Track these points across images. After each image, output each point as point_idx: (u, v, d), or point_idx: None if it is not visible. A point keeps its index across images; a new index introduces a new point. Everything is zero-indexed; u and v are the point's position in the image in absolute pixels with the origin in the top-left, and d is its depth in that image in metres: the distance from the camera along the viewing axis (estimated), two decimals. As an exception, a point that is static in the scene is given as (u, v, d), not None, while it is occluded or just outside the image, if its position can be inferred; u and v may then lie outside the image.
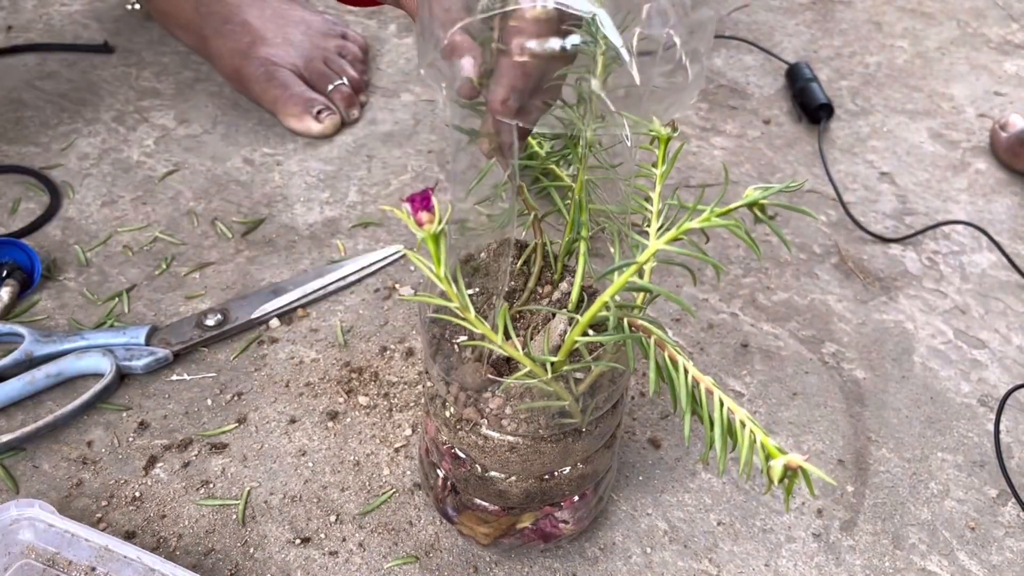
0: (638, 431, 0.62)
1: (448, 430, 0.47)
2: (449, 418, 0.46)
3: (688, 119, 0.95)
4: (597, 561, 0.55)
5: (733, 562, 0.55)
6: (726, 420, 0.35)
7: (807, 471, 0.30)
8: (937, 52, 1.10)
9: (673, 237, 0.34)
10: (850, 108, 0.99)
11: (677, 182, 0.86)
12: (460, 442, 0.47)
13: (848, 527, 0.58)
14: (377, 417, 0.62)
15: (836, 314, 0.73)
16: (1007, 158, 0.90)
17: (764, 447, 0.32)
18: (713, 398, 0.36)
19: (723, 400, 0.35)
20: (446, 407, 0.47)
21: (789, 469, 0.30)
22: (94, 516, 0.55)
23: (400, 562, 0.53)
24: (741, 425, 0.34)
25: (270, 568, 0.53)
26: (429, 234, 0.34)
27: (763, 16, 1.14)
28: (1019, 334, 0.72)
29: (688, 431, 0.36)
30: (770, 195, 0.32)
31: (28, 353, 0.62)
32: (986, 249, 0.80)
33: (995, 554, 0.57)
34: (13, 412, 0.60)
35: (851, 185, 0.87)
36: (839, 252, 0.79)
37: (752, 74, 1.03)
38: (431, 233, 0.34)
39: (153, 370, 0.64)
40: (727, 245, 0.79)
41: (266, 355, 0.66)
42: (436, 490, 0.52)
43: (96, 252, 0.73)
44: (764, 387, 0.66)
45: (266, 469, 0.58)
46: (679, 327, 0.71)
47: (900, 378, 0.68)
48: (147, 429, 0.60)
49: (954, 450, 0.63)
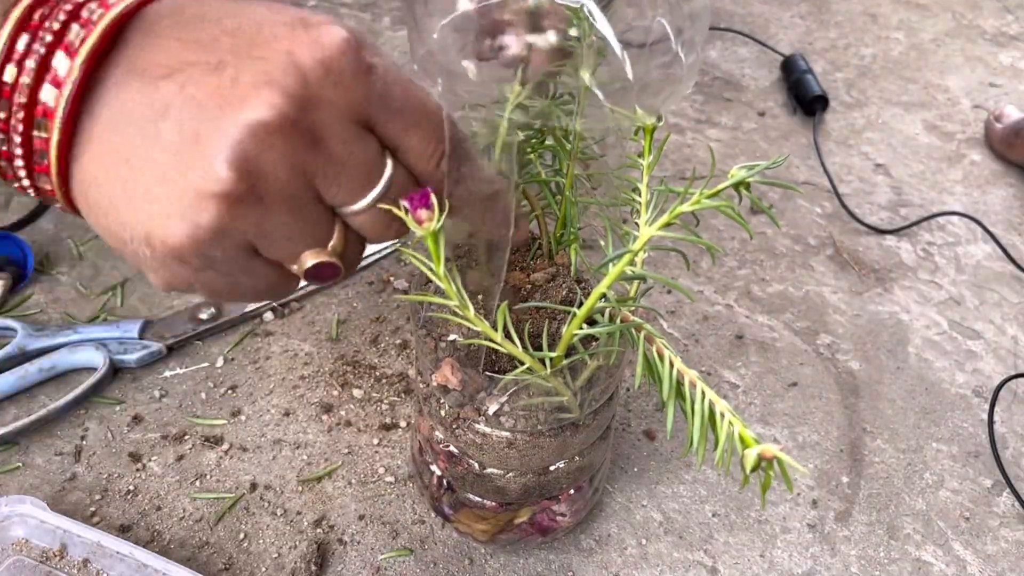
0: (633, 423, 0.62)
1: (444, 429, 0.47)
2: (445, 417, 0.46)
3: (683, 111, 0.94)
4: (592, 553, 0.55)
5: (728, 553, 0.55)
6: (707, 412, 0.34)
7: (783, 461, 0.29)
8: (932, 44, 1.10)
9: (666, 223, 0.34)
10: (845, 100, 0.99)
11: (672, 174, 0.86)
12: (457, 440, 0.47)
13: (843, 517, 0.58)
14: (371, 410, 0.62)
15: (831, 305, 0.73)
16: (1002, 149, 0.90)
17: (742, 438, 0.31)
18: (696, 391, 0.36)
19: (704, 392, 0.35)
20: (442, 406, 0.46)
21: (763, 459, 0.29)
22: (88, 510, 0.55)
23: (395, 554, 0.53)
24: (721, 416, 0.33)
25: (264, 561, 0.53)
26: (428, 232, 0.34)
27: (758, 8, 1.14)
28: (1013, 325, 0.72)
29: (671, 425, 0.36)
30: (755, 173, 0.31)
31: (21, 347, 0.62)
32: (981, 240, 0.81)
33: (990, 544, 0.57)
34: (6, 406, 0.60)
35: (846, 177, 0.87)
36: (834, 244, 0.79)
37: (747, 66, 1.03)
38: (430, 231, 0.34)
39: (147, 364, 0.63)
40: (721, 237, 0.79)
41: (260, 348, 0.66)
42: (431, 488, 0.52)
43: (89, 246, 0.73)
44: (759, 379, 0.66)
45: (260, 462, 0.58)
46: (674, 319, 0.70)
47: (895, 369, 0.68)
48: (141, 423, 0.60)
49: (949, 441, 0.63)
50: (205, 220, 0.31)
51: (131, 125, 0.31)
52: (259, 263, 0.34)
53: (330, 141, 0.32)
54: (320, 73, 0.31)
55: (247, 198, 0.31)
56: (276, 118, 0.30)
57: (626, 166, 0.42)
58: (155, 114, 0.31)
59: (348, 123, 0.32)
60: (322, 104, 0.32)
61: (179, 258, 0.32)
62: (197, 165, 0.30)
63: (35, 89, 0.31)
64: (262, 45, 0.31)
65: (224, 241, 0.32)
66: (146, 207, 0.31)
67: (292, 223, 0.33)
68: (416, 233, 0.34)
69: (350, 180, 0.33)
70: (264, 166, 0.31)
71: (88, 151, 0.32)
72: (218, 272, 0.33)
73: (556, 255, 0.49)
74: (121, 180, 0.31)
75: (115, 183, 0.32)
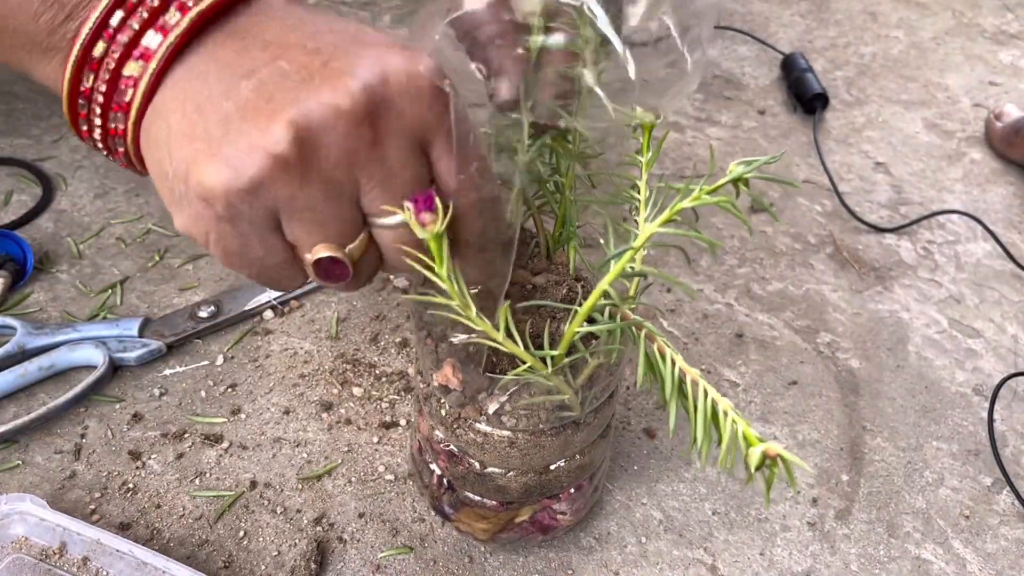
0: (633, 421, 0.62)
1: (445, 429, 0.46)
2: (446, 417, 0.46)
3: (683, 110, 0.94)
4: (592, 551, 0.55)
5: (728, 551, 0.55)
6: (710, 410, 0.34)
7: (787, 460, 0.29)
8: (932, 42, 1.10)
9: (667, 219, 0.34)
10: (845, 98, 0.99)
11: (672, 172, 0.86)
12: (458, 440, 0.46)
13: (843, 516, 0.58)
14: (371, 408, 0.62)
15: (831, 304, 0.73)
16: (1002, 148, 0.90)
17: (745, 437, 0.31)
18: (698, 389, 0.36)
19: (707, 391, 0.35)
20: (442, 406, 0.46)
21: (768, 457, 0.30)
22: (88, 508, 0.55)
23: (394, 552, 0.53)
24: (724, 415, 0.33)
25: (264, 559, 0.53)
26: (432, 235, 0.34)
27: (758, 6, 1.14)
28: (1013, 323, 0.72)
29: (673, 424, 0.36)
30: (753, 169, 0.31)
31: (20, 345, 0.62)
32: (981, 238, 0.80)
33: (989, 542, 0.57)
34: (6, 405, 0.60)
35: (846, 175, 0.87)
36: (834, 242, 0.79)
37: (747, 64, 1.03)
38: (434, 233, 0.34)
39: (146, 362, 0.63)
40: (721, 235, 0.79)
41: (260, 347, 0.66)
42: (431, 488, 0.52)
43: (89, 244, 0.73)
44: (759, 377, 0.66)
45: (260, 460, 0.58)
46: (674, 317, 0.70)
47: (895, 367, 0.68)
48: (140, 421, 0.60)
49: (948, 439, 0.63)
50: (246, 170, 0.32)
51: (215, 75, 0.33)
52: (276, 238, 0.35)
53: (388, 147, 0.33)
54: (403, 83, 0.33)
55: (293, 166, 0.32)
56: (349, 105, 0.32)
57: (625, 164, 0.42)
58: (241, 73, 0.33)
59: (410, 137, 0.34)
60: (393, 111, 0.33)
61: (207, 200, 0.33)
62: (260, 120, 0.32)
63: (140, 33, 0.33)
64: (360, 45, 0.33)
65: (255, 199, 0.33)
66: (198, 144, 0.32)
67: (323, 207, 0.34)
68: (419, 235, 0.34)
69: (392, 189, 0.34)
70: (320, 142, 0.32)
71: (169, 88, 0.34)
72: (236, 229, 0.34)
73: (555, 254, 0.49)
74: (188, 118, 0.33)
75: (181, 120, 0.33)
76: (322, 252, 0.35)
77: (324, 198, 0.33)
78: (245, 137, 0.32)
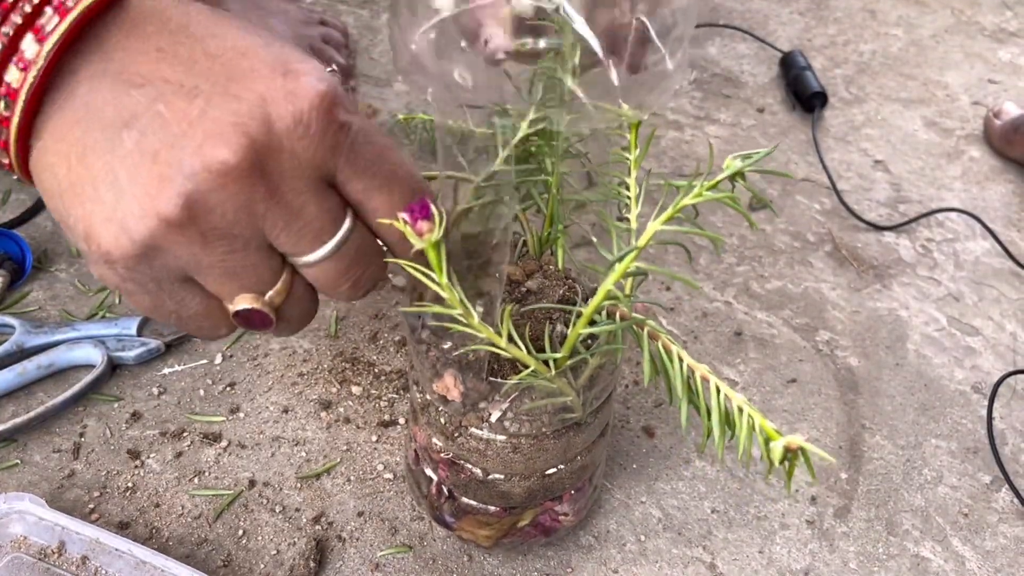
0: (632, 420, 0.62)
1: (445, 438, 0.46)
2: (446, 425, 0.45)
3: (682, 108, 0.94)
4: (592, 549, 0.55)
5: (727, 549, 0.55)
6: (723, 407, 0.35)
7: (807, 451, 0.30)
8: (931, 40, 1.10)
9: (670, 216, 0.34)
10: (844, 96, 0.99)
11: (671, 170, 0.86)
12: (459, 448, 0.46)
13: (842, 514, 0.58)
14: (370, 406, 0.62)
15: (830, 302, 0.73)
16: (1001, 146, 0.90)
17: (763, 430, 0.32)
18: (709, 386, 0.36)
19: (719, 387, 0.35)
20: (441, 414, 0.46)
21: (789, 450, 0.30)
22: (87, 507, 0.55)
23: (393, 551, 0.53)
24: (739, 411, 0.34)
25: (263, 558, 0.53)
26: (430, 243, 0.34)
27: (757, 4, 1.13)
28: (1012, 321, 0.72)
29: (685, 421, 0.36)
30: (750, 164, 0.32)
31: (19, 344, 0.62)
32: (980, 236, 0.81)
33: (988, 540, 0.57)
34: (4, 403, 0.60)
35: (845, 173, 0.87)
36: (833, 240, 0.79)
37: (746, 63, 1.03)
38: (432, 242, 0.34)
39: (145, 361, 0.63)
40: (720, 234, 0.79)
41: (259, 345, 0.66)
42: (430, 498, 0.51)
43: (87, 243, 0.73)
44: (758, 375, 0.66)
45: (259, 459, 0.58)
46: (673, 316, 0.70)
47: (894, 365, 0.68)
48: (139, 419, 0.60)
49: (947, 437, 0.63)
50: (140, 236, 0.31)
51: (94, 124, 0.31)
52: (191, 293, 0.34)
53: (285, 191, 0.32)
54: (288, 124, 0.31)
55: (186, 228, 0.31)
56: (234, 161, 0.31)
57: (613, 161, 0.42)
58: (121, 120, 0.31)
59: (307, 176, 0.33)
60: (283, 154, 0.32)
61: (108, 262, 0.32)
62: (151, 184, 0.31)
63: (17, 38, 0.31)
64: (239, 80, 0.32)
65: (153, 261, 0.32)
66: (90, 205, 0.32)
67: (230, 262, 0.33)
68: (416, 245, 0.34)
69: (300, 232, 0.33)
70: (211, 203, 0.31)
71: (49, 137, 0.32)
72: (142, 287, 0.34)
73: (542, 255, 0.48)
74: (74, 171, 0.32)
75: (68, 173, 0.32)
76: (240, 305, 0.34)
77: (228, 252, 0.33)
78: (136, 202, 0.31)
